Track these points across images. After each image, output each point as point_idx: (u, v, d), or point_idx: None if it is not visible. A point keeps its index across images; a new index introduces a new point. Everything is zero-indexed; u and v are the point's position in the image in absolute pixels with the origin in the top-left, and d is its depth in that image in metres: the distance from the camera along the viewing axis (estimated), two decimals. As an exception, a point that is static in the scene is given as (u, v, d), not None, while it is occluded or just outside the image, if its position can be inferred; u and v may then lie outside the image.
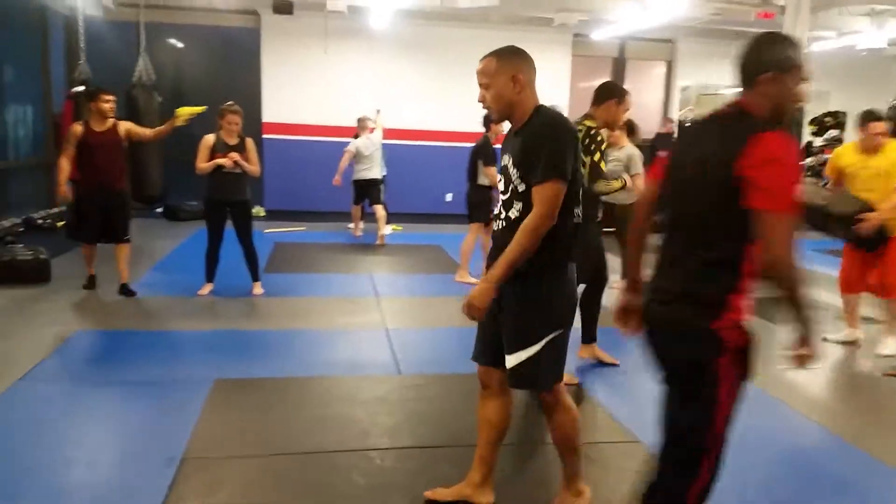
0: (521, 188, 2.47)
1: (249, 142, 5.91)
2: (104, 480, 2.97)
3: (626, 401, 4.03)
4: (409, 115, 10.92)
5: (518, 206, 2.49)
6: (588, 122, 4.10)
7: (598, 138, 4.02)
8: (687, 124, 10.59)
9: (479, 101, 2.57)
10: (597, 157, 3.98)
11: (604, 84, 4.31)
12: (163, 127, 6.03)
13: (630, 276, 2.39)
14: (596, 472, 3.22)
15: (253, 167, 5.87)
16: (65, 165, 5.74)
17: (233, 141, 5.80)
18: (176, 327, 5.16)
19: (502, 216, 2.57)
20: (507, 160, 2.57)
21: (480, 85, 2.55)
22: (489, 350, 2.68)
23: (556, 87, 11.37)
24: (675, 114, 12.51)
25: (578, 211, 2.52)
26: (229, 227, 5.94)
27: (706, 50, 11.98)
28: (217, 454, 3.22)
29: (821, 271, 7.76)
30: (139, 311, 5.56)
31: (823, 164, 12.64)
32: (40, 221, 8.78)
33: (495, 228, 2.63)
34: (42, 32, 9.87)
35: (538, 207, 2.39)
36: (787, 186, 1.86)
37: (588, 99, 4.26)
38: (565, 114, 11.77)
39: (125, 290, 5.84)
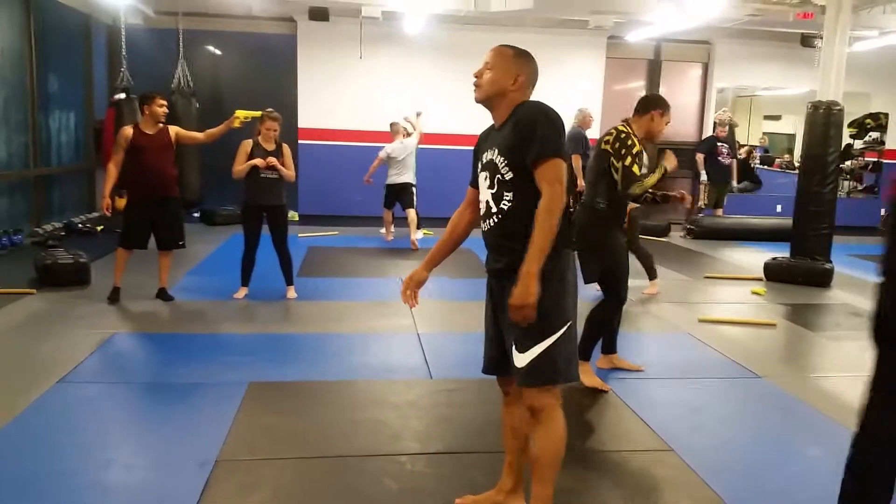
0: (509, 176, 2.44)
1: (286, 148, 6.00)
2: (139, 482, 3.02)
3: (656, 408, 3.98)
4: (443, 120, 10.94)
5: (508, 195, 2.45)
6: (621, 127, 4.06)
7: (629, 142, 3.97)
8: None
9: (475, 75, 2.56)
10: (628, 161, 3.93)
11: (648, 95, 4.34)
12: (217, 129, 6.03)
13: None
14: (630, 480, 3.19)
15: (289, 172, 5.94)
16: (112, 171, 5.65)
17: (270, 147, 5.89)
18: (211, 330, 5.24)
19: (493, 211, 2.51)
20: (490, 155, 2.52)
21: (484, 63, 2.55)
22: (497, 358, 2.64)
23: (590, 90, 11.31)
24: (711, 116, 12.35)
25: (571, 199, 2.46)
26: (265, 231, 6.01)
27: (743, 51, 11.81)
28: (250, 457, 3.25)
29: (858, 276, 7.60)
30: (176, 314, 5.65)
31: (864, 167, 12.39)
32: (81, 226, 8.98)
33: (485, 228, 2.57)
34: (85, 40, 10.12)
35: (548, 187, 2.34)
36: None
37: (622, 101, 4.24)
38: (598, 117, 11.75)
39: (163, 295, 5.93)
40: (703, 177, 10.67)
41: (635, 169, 3.95)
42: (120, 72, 9.59)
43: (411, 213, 8.76)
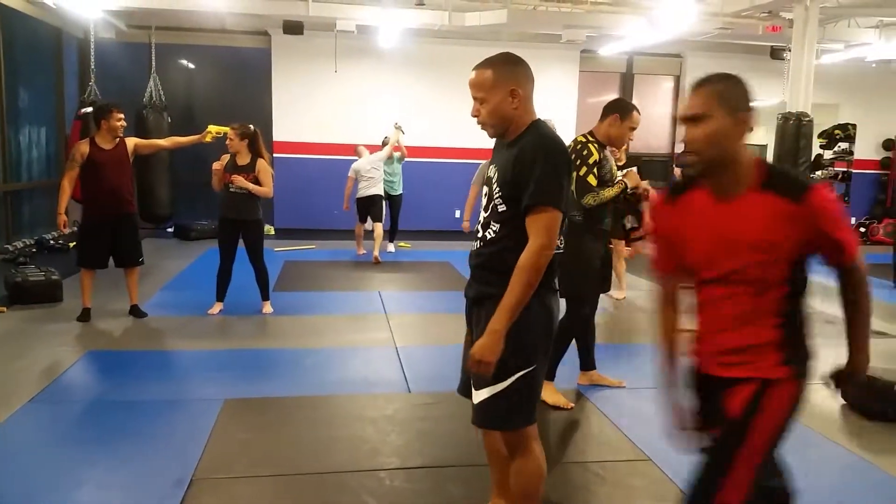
0: (501, 209, 2.30)
1: (261, 163, 5.85)
2: (114, 502, 2.96)
3: (634, 418, 3.99)
4: (419, 133, 10.96)
5: (495, 227, 2.32)
6: (580, 138, 4.07)
7: (584, 152, 3.96)
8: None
9: (473, 115, 2.36)
10: (582, 171, 3.92)
11: (611, 101, 4.23)
12: (185, 138, 5.96)
13: None
14: (606, 490, 3.19)
15: (259, 188, 5.80)
16: (66, 186, 5.46)
17: (244, 161, 5.82)
18: (186, 347, 5.17)
19: (479, 235, 2.40)
20: (493, 173, 2.38)
21: (475, 98, 2.32)
22: (468, 382, 2.49)
23: (564, 103, 11.43)
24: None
25: (561, 238, 2.34)
26: (242, 245, 5.96)
27: (715, 64, 11.78)
28: (227, 474, 3.21)
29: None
30: (149, 331, 5.57)
31: (834, 177, 12.59)
32: (52, 242, 8.84)
33: (472, 248, 2.45)
34: (56, 54, 10.01)
35: (535, 239, 2.19)
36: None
37: (596, 114, 4.22)
38: (572, 129, 11.83)
39: (136, 311, 5.85)
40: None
41: (590, 179, 3.92)
42: (88, 85, 9.49)
43: (378, 228, 8.79)
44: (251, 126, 5.90)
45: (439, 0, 9.27)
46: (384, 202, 9.06)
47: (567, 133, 11.08)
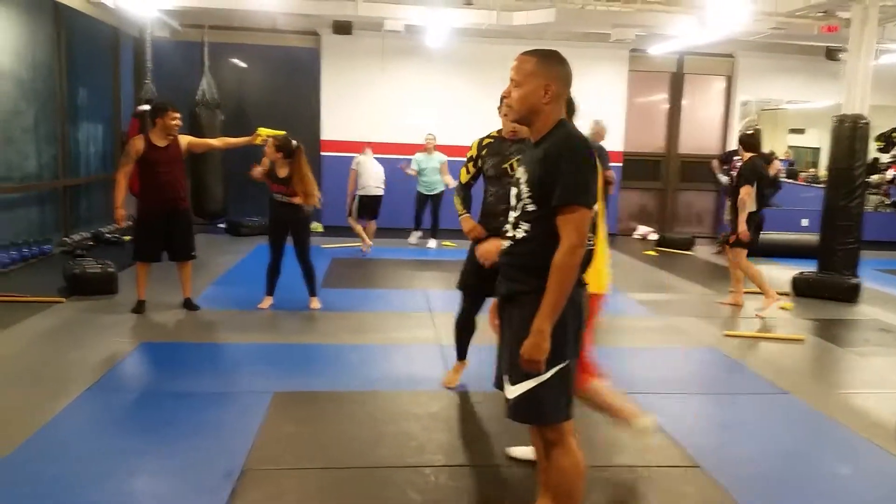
0: (531, 208, 2.34)
1: (303, 174, 5.84)
2: (165, 490, 3.04)
3: (683, 424, 3.94)
4: (465, 132, 10.95)
5: (525, 226, 2.36)
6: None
7: (470, 149, 4.19)
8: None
9: (503, 96, 2.41)
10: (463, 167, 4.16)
11: None
12: (237, 139, 6.10)
13: None
14: (656, 496, 3.16)
15: (302, 199, 5.85)
16: (122, 181, 5.65)
17: (282, 174, 5.88)
18: (236, 340, 5.28)
19: (509, 233, 2.44)
20: (521, 173, 2.42)
21: (511, 80, 2.38)
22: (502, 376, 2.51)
23: (612, 103, 11.31)
24: (735, 129, 12.27)
25: (591, 235, 2.36)
26: (291, 242, 6.05)
27: (767, 64, 11.75)
28: (276, 467, 3.27)
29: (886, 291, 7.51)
30: (201, 323, 5.70)
31: (891, 181, 12.23)
32: (108, 235, 9.09)
33: (503, 247, 2.50)
34: (113, 53, 10.28)
35: (567, 238, 2.24)
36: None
37: (645, 114, 4.20)
38: (621, 129, 11.71)
39: (189, 305, 5.98)
40: (724, 179, 10.39)
41: (462, 176, 4.17)
42: (144, 83, 9.73)
43: (373, 224, 9.28)
44: (293, 141, 5.88)
45: (487, -1, 9.28)
46: (427, 200, 9.48)
47: (617, 133, 10.99)
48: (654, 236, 11.41)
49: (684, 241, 10.52)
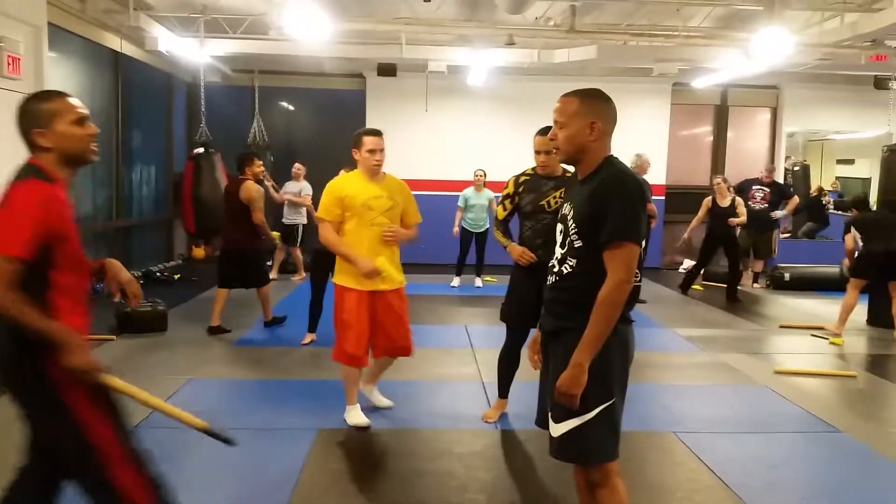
0: (578, 244, 2.35)
1: None
2: (213, 526, 3.08)
3: (732, 464, 3.85)
4: (509, 169, 11.01)
5: (572, 262, 2.37)
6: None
7: (505, 188, 4.40)
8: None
9: (550, 139, 2.48)
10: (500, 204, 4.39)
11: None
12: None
13: None
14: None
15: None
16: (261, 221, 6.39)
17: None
18: (281, 377, 5.35)
19: (556, 270, 2.45)
20: (567, 210, 2.43)
21: (555, 122, 2.41)
22: (546, 413, 2.48)
23: (655, 136, 11.27)
24: (781, 161, 12.07)
25: (638, 272, 2.36)
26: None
27: (814, 95, 11.61)
28: (320, 503, 3.29)
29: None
30: (247, 360, 5.79)
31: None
32: (159, 274, 9.34)
33: (547, 282, 2.51)
34: (167, 98, 10.69)
35: (614, 274, 2.25)
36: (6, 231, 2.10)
37: (688, 147, 4.21)
38: (664, 163, 11.54)
39: (268, 323, 6.66)
40: (778, 214, 10.12)
41: (499, 213, 4.37)
42: (199, 127, 10.07)
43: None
44: None
45: (528, 38, 9.37)
46: (472, 238, 9.32)
47: (659, 166, 10.91)
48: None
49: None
